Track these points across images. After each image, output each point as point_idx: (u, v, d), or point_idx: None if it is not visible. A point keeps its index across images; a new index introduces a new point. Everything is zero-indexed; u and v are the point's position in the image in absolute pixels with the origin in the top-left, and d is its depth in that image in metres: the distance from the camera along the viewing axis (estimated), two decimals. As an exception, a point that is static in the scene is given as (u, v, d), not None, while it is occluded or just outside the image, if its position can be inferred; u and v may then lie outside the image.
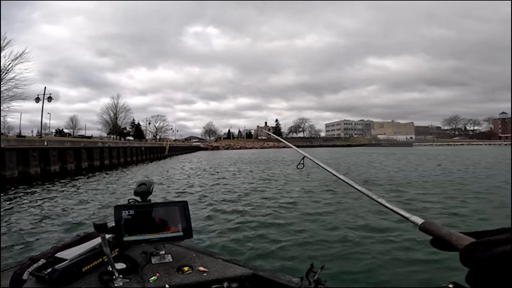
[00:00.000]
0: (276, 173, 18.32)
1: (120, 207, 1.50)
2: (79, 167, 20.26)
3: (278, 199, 9.48)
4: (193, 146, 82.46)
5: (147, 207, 1.53)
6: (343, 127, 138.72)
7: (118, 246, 1.53)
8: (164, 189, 12.26)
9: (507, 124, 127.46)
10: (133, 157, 31.13)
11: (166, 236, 1.52)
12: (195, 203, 9.06)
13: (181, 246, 1.71)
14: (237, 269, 1.47)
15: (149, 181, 1.66)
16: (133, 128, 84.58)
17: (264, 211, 7.81)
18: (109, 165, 24.70)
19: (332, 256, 4.64)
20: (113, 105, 67.54)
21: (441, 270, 3.93)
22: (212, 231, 6.07)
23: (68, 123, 74.33)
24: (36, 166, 16.23)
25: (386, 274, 4.00)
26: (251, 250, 4.98)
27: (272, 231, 5.95)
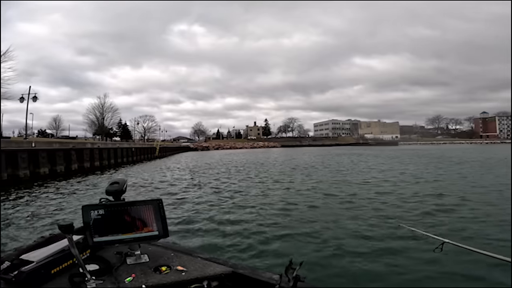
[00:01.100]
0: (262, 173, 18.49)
1: (88, 207, 1.44)
2: (69, 169, 19.65)
3: (260, 198, 9.60)
4: (182, 146, 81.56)
5: (118, 207, 1.47)
6: (331, 127, 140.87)
7: (90, 248, 1.48)
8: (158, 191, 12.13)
9: (487, 124, 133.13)
10: (123, 158, 30.49)
11: (141, 236, 1.47)
12: (176, 202, 9.10)
13: (158, 245, 1.67)
14: (217, 268, 1.45)
15: (122, 180, 1.62)
16: (120, 129, 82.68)
17: (245, 210, 7.90)
18: (99, 166, 24.09)
19: (312, 252, 4.73)
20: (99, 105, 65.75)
21: (418, 263, 4.18)
22: (191, 230, 6.07)
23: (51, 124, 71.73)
24: (25, 168, 15.65)
25: (364, 268, 4.13)
26: (231, 248, 5.01)
27: (252, 229, 6.03)
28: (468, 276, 3.71)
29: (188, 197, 10.19)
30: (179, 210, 7.98)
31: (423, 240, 4.77)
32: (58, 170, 18.42)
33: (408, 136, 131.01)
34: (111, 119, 69.66)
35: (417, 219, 6.59)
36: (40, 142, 19.07)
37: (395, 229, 5.55)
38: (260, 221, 6.64)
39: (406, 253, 4.57)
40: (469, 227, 5.82)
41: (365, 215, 6.99)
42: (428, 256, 4.16)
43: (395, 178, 14.25)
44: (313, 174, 16.95)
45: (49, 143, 20.13)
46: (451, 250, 2.12)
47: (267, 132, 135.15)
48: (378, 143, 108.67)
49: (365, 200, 8.87)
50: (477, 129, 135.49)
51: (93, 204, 1.46)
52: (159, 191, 12.02)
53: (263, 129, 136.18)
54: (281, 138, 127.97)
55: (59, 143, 21.16)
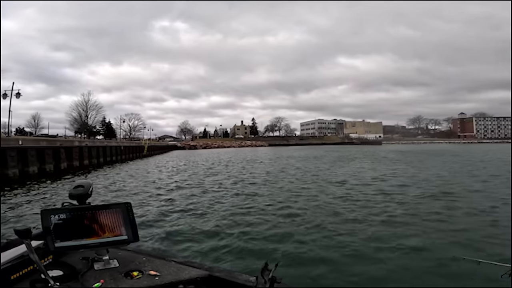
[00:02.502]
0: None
1: (48, 211, 1.37)
2: (58, 167, 19.00)
3: (237, 200, 9.57)
4: (170, 145, 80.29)
5: (81, 211, 1.41)
6: (317, 126, 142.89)
7: (52, 253, 1.42)
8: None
9: (465, 124, 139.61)
10: (112, 156, 29.75)
11: (108, 240, 1.41)
12: (150, 204, 8.97)
13: (128, 250, 1.61)
14: (192, 271, 1.41)
15: (87, 183, 1.58)
16: (103, 127, 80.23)
17: (220, 212, 7.87)
18: (88, 165, 23.41)
19: (287, 253, 4.80)
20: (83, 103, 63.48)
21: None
22: (164, 234, 5.94)
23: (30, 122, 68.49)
24: (14, 167, 14.99)
25: (339, 268, 4.27)
26: (206, 251, 4.99)
27: (227, 231, 6.03)
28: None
29: (164, 199, 9.90)
30: (152, 213, 7.78)
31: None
32: (47, 169, 17.76)
33: (390, 135, 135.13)
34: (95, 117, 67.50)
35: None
36: (28, 140, 18.32)
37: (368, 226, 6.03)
38: (236, 224, 6.64)
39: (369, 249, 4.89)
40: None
41: (339, 217, 7.15)
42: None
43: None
44: (295, 174, 17.05)
45: (36, 141, 19.35)
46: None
47: (255, 131, 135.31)
48: (362, 142, 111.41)
49: (338, 201, 9.07)
50: (455, 129, 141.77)
51: (54, 208, 1.41)
52: (142, 194, 11.14)
53: (250, 128, 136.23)
54: (269, 137, 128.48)
55: (46, 141, 20.37)
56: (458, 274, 3.70)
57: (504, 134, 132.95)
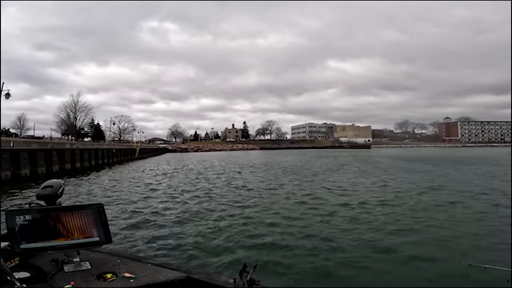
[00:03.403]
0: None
1: (12, 212, 1.33)
2: (50, 170, 18.55)
3: (217, 202, 9.60)
4: (161, 148, 79.41)
5: (49, 212, 1.37)
6: (308, 130, 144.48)
7: (19, 255, 1.38)
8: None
9: (450, 128, 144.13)
10: (104, 159, 29.24)
11: (78, 242, 1.37)
12: (125, 207, 8.88)
13: (102, 252, 1.56)
14: (169, 273, 1.38)
15: (58, 183, 1.54)
16: (92, 129, 78.55)
17: (199, 214, 7.94)
18: (80, 168, 22.95)
19: (265, 255, 4.87)
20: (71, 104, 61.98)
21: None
22: (140, 235, 5.88)
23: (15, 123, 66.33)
24: (7, 169, 14.60)
25: (318, 269, 4.34)
26: (185, 253, 4.99)
27: (206, 234, 6.06)
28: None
29: (143, 202, 9.82)
30: (132, 216, 7.72)
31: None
32: (39, 171, 17.35)
33: (379, 139, 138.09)
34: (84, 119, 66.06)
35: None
36: (19, 142, 17.86)
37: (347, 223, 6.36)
38: (215, 226, 6.62)
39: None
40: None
41: (317, 219, 7.29)
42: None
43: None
44: (280, 178, 17.08)
45: (28, 143, 18.86)
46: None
47: (246, 135, 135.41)
48: (352, 146, 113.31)
49: (321, 202, 9.31)
50: (440, 134, 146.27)
51: (19, 209, 1.38)
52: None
53: (241, 131, 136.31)
54: (260, 141, 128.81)
55: (37, 143, 19.92)
56: (466, 279, 3.70)
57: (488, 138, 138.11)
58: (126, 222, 6.99)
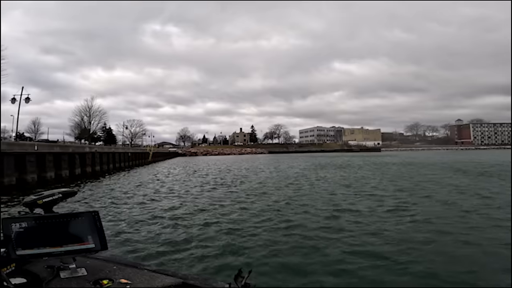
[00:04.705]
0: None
1: (9, 219, 1.36)
2: (73, 173, 18.76)
3: (213, 207, 9.31)
4: (171, 152, 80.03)
5: (45, 219, 1.39)
6: (316, 134, 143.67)
7: (15, 261, 1.39)
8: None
9: (462, 130, 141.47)
10: (121, 163, 29.48)
11: (74, 249, 1.38)
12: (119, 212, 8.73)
13: (98, 258, 1.56)
14: (166, 279, 1.38)
15: (54, 192, 1.57)
16: (104, 133, 79.64)
17: (194, 219, 7.72)
18: (100, 171, 23.14)
19: (262, 260, 4.78)
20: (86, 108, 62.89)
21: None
22: (135, 242, 5.80)
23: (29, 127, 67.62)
24: (33, 172, 14.76)
25: (313, 273, 4.26)
26: (181, 259, 4.91)
27: (201, 239, 5.95)
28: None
29: (146, 208, 9.49)
30: (122, 221, 7.62)
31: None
32: (63, 174, 17.54)
33: (389, 142, 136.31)
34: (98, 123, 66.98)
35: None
36: (42, 145, 18.07)
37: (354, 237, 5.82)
38: (210, 231, 6.56)
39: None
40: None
41: (312, 224, 7.04)
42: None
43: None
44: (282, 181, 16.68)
45: (50, 146, 19.11)
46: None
47: (254, 139, 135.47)
48: (361, 149, 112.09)
49: (319, 209, 8.83)
50: (452, 136, 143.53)
51: (15, 217, 1.41)
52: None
53: (249, 135, 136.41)
54: (268, 145, 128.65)
55: (59, 146, 20.15)
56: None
57: (501, 140, 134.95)
58: (122, 228, 6.91)
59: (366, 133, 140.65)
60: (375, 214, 7.79)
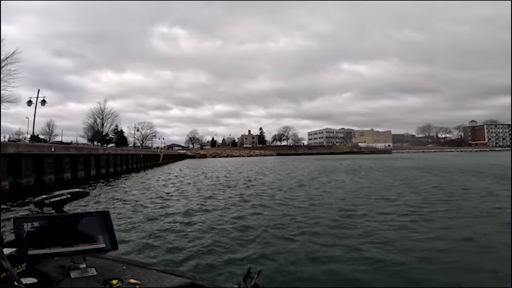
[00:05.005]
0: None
1: (20, 219, 1.36)
2: (88, 174, 19.03)
3: (220, 208, 9.24)
4: (181, 154, 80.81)
5: (56, 219, 1.39)
6: (325, 136, 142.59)
7: (25, 261, 1.39)
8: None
9: (476, 132, 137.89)
10: (133, 164, 29.82)
11: (84, 248, 1.39)
12: (129, 212, 8.74)
13: (107, 258, 1.57)
14: (174, 280, 1.38)
15: (64, 192, 1.59)
16: (116, 135, 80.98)
17: (202, 220, 7.67)
18: (113, 173, 23.40)
19: (270, 261, 4.72)
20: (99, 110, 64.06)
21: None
22: (145, 242, 5.79)
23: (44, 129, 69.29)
24: (51, 173, 15.01)
25: (323, 274, 4.17)
26: (189, 259, 4.88)
27: (209, 239, 5.90)
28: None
29: (148, 208, 9.59)
30: (133, 221, 7.61)
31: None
32: (79, 175, 17.82)
33: (400, 144, 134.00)
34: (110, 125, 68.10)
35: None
36: (59, 147, 18.40)
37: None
38: (219, 231, 6.51)
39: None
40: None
41: (324, 223, 6.95)
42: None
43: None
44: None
45: (67, 148, 19.46)
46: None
47: (262, 141, 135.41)
48: (372, 151, 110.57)
49: (326, 210, 8.67)
50: (466, 137, 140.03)
51: (27, 216, 1.40)
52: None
53: (258, 137, 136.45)
54: (277, 147, 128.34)
55: (75, 148, 20.50)
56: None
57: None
58: (130, 228, 6.93)
59: (376, 135, 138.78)
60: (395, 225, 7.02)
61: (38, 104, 27.09)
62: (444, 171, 22.04)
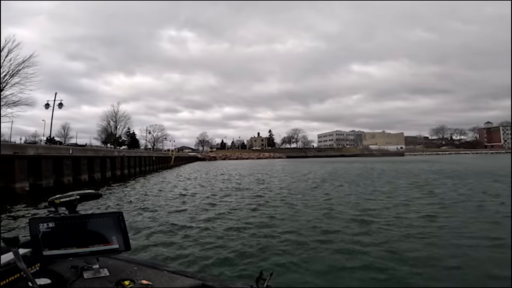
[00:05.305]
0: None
1: (36, 219, 1.36)
2: (104, 176, 19.36)
3: (232, 209, 9.20)
4: (191, 156, 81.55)
5: (71, 219, 1.40)
6: (335, 138, 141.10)
7: (40, 261, 1.40)
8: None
9: (492, 133, 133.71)
10: (146, 166, 30.22)
11: (99, 249, 1.40)
12: (143, 213, 8.77)
13: (119, 259, 1.58)
14: (185, 281, 1.39)
15: (78, 192, 1.61)
16: (128, 138, 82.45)
17: (214, 221, 7.61)
18: (127, 174, 23.75)
19: (282, 263, 4.64)
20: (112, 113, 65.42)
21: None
22: (156, 243, 5.79)
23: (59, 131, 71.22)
24: (69, 175, 15.34)
25: (335, 278, 4.10)
26: (199, 260, 4.84)
27: (221, 241, 5.84)
28: None
29: (161, 209, 9.65)
30: (147, 222, 7.65)
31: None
32: (96, 177, 18.13)
33: (413, 146, 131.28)
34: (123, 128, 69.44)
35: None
36: (76, 149, 18.81)
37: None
38: (231, 233, 6.44)
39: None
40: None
41: (336, 225, 6.87)
42: None
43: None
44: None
45: (84, 150, 19.89)
46: None
47: (271, 143, 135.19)
48: (383, 154, 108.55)
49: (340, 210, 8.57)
50: (481, 139, 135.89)
51: (42, 217, 1.40)
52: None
53: (267, 140, 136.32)
54: (286, 149, 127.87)
55: (92, 150, 20.92)
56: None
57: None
58: (140, 228, 6.96)
59: (388, 137, 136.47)
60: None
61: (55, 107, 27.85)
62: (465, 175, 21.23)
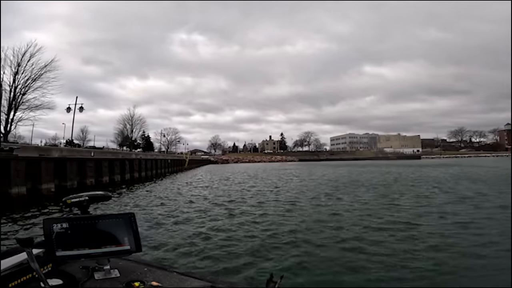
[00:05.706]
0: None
1: (50, 220, 1.37)
2: (123, 178, 19.90)
3: (241, 212, 9.22)
4: (204, 159, 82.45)
5: (85, 220, 1.41)
6: (348, 141, 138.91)
7: (52, 262, 1.41)
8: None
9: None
10: (162, 169, 30.82)
11: (110, 250, 1.40)
12: (154, 216, 8.79)
13: (130, 260, 1.59)
14: (194, 282, 1.38)
15: (89, 193, 1.62)
16: (143, 141, 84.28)
17: (223, 223, 7.65)
18: (145, 177, 24.30)
19: (293, 265, 4.61)
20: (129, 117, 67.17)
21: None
22: (166, 244, 5.85)
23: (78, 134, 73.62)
24: (92, 177, 15.88)
25: (345, 280, 4.08)
26: (208, 262, 4.83)
27: (230, 243, 5.84)
28: None
29: (169, 211, 9.74)
30: (157, 224, 7.73)
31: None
32: (116, 179, 18.66)
33: (430, 149, 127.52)
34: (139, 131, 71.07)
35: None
36: (97, 152, 19.43)
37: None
38: (240, 235, 6.46)
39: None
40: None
41: (346, 228, 6.85)
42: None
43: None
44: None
45: (104, 152, 20.52)
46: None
47: (283, 146, 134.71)
48: (399, 157, 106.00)
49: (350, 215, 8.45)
50: (502, 141, 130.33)
51: (56, 217, 1.40)
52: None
53: (279, 143, 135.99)
54: (298, 152, 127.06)
55: (111, 153, 21.55)
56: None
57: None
58: (151, 230, 7.10)
59: (403, 139, 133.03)
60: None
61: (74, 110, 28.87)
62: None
